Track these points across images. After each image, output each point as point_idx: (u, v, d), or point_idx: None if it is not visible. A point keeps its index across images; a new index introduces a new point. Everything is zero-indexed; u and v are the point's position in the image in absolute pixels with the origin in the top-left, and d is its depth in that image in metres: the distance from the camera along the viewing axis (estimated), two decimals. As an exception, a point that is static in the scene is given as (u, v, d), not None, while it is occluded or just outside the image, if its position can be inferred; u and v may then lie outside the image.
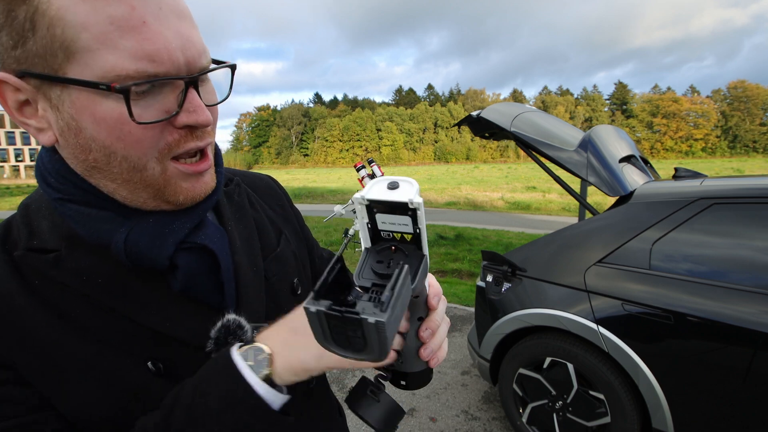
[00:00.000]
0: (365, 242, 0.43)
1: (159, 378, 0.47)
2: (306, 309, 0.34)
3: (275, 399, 0.43)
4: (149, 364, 0.47)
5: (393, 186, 0.39)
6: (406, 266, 0.37)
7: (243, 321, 0.52)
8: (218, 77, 0.48)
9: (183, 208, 0.49)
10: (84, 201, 0.46)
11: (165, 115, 0.41)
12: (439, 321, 0.49)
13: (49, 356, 0.44)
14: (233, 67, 0.48)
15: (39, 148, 0.50)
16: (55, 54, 0.37)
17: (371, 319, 0.32)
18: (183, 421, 0.41)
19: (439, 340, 0.49)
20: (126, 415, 0.45)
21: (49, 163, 0.47)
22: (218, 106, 0.49)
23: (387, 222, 0.41)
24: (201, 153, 0.47)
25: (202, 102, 0.43)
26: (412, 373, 0.50)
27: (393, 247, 0.42)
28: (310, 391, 0.62)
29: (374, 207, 0.40)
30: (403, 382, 0.52)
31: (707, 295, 1.69)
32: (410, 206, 0.37)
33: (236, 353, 0.44)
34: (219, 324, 0.50)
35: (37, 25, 0.37)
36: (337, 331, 0.35)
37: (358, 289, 0.38)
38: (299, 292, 0.65)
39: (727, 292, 1.65)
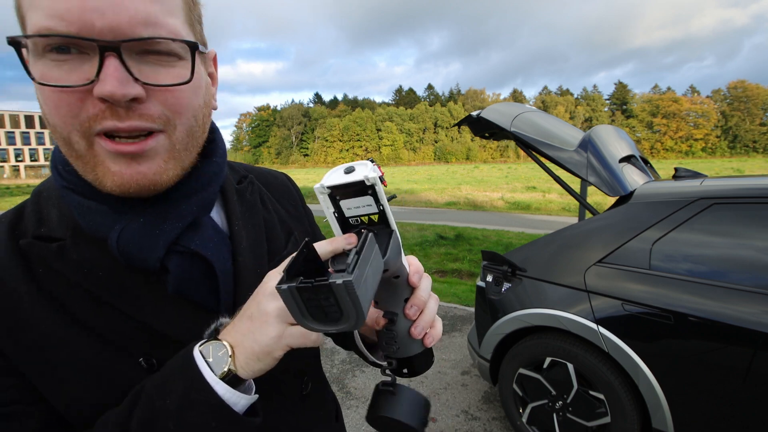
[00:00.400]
0: (336, 231, 0.43)
1: (151, 374, 0.46)
2: (278, 288, 0.34)
3: (238, 400, 0.42)
4: (142, 360, 0.46)
5: (349, 170, 0.39)
6: (371, 233, 0.37)
7: None
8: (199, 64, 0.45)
9: (117, 197, 0.44)
10: (83, 192, 0.45)
11: (79, 82, 0.38)
12: (425, 297, 0.48)
13: (43, 346, 0.43)
14: (192, 47, 0.42)
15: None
16: (18, 23, 0.39)
17: (339, 281, 0.32)
18: (143, 420, 0.40)
19: (429, 316, 0.48)
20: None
21: (58, 151, 0.46)
22: (189, 89, 0.43)
23: (352, 207, 0.41)
24: (131, 137, 0.41)
25: (130, 75, 0.39)
26: (411, 357, 0.49)
27: (362, 230, 0.41)
28: (304, 396, 0.60)
29: (336, 194, 0.40)
30: (405, 370, 0.51)
31: (707, 295, 1.69)
32: (367, 183, 0.38)
33: (197, 350, 0.42)
34: (213, 326, 0.48)
35: None
36: (312, 305, 0.35)
37: (330, 271, 0.38)
38: None
39: (727, 292, 1.65)
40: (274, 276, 0.43)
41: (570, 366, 2.05)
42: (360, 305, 0.34)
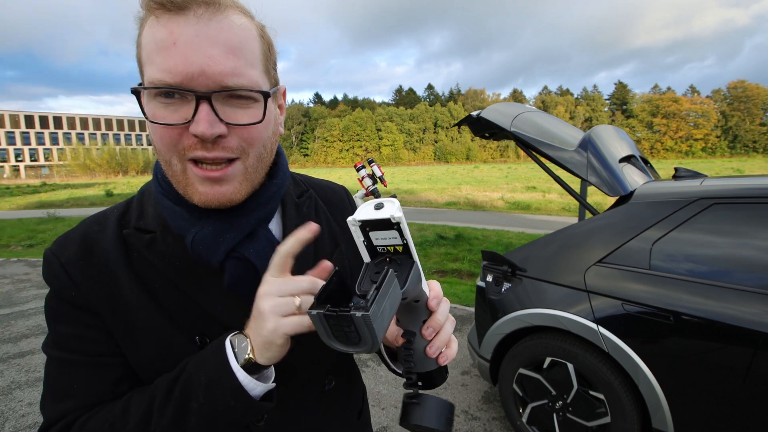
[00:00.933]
0: (365, 258, 0.50)
1: (201, 350, 0.57)
2: (309, 313, 0.43)
3: (255, 386, 0.51)
4: (197, 338, 0.58)
5: (378, 206, 0.46)
6: (391, 270, 0.44)
7: None
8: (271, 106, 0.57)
9: (208, 208, 0.56)
10: (173, 199, 0.58)
11: (179, 121, 0.50)
12: (442, 321, 0.54)
13: (129, 315, 0.56)
14: (265, 95, 0.53)
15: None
16: (139, 71, 0.52)
17: (358, 314, 0.39)
18: (182, 387, 0.51)
19: (444, 338, 0.54)
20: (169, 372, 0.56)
21: (158, 163, 0.59)
22: (260, 126, 0.54)
23: (379, 238, 0.47)
24: (215, 163, 0.53)
25: (216, 117, 0.50)
26: (425, 374, 0.57)
27: (387, 259, 0.49)
28: (326, 392, 0.69)
29: (366, 226, 0.47)
30: (420, 383, 0.56)
31: (707, 295, 1.69)
32: (393, 221, 0.44)
33: (228, 340, 0.52)
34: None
35: (137, 49, 0.52)
36: (336, 329, 0.42)
37: (358, 296, 0.45)
38: None
39: (727, 292, 1.65)
40: (268, 280, 0.52)
41: (570, 366, 2.05)
42: (375, 334, 0.40)
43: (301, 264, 0.62)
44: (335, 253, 0.71)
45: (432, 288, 0.55)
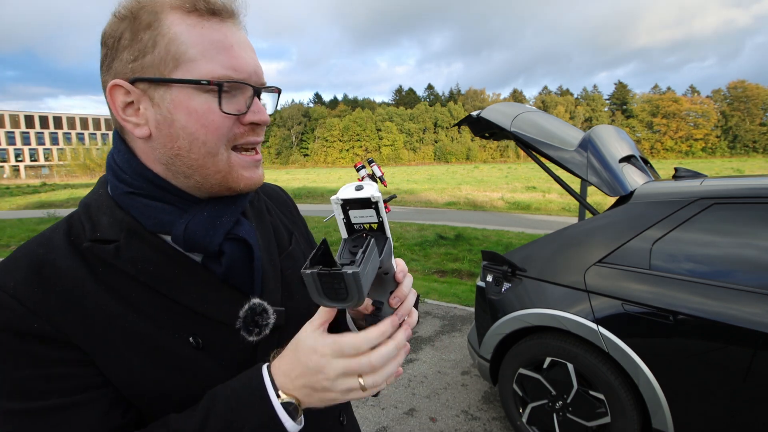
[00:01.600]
0: (343, 233, 0.54)
1: (198, 351, 0.56)
2: (303, 272, 0.46)
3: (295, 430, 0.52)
4: (191, 339, 0.56)
5: (359, 188, 0.50)
6: (372, 239, 0.50)
7: (267, 305, 0.62)
8: (264, 99, 0.62)
9: (239, 194, 0.60)
10: (152, 195, 0.57)
11: (239, 112, 0.55)
12: (406, 291, 0.59)
13: (108, 333, 0.52)
14: (279, 91, 0.64)
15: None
16: (167, 63, 0.52)
17: (350, 271, 0.44)
18: None
19: (408, 306, 0.58)
20: (171, 384, 0.54)
21: (124, 163, 0.57)
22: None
23: (357, 216, 0.52)
24: (255, 150, 0.60)
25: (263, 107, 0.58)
26: None
27: (364, 234, 0.53)
28: (344, 426, 0.73)
29: (347, 205, 0.51)
30: None
31: (707, 295, 1.69)
32: (372, 200, 0.49)
33: (269, 386, 0.51)
34: (246, 306, 0.60)
35: (157, 44, 0.52)
36: (327, 286, 0.46)
37: (338, 264, 0.49)
38: None
39: (727, 292, 1.65)
40: (343, 340, 0.51)
41: (570, 366, 2.05)
42: (362, 290, 0.45)
43: (269, 251, 0.68)
44: (292, 240, 0.76)
45: (398, 263, 0.60)
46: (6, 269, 0.51)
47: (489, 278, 2.44)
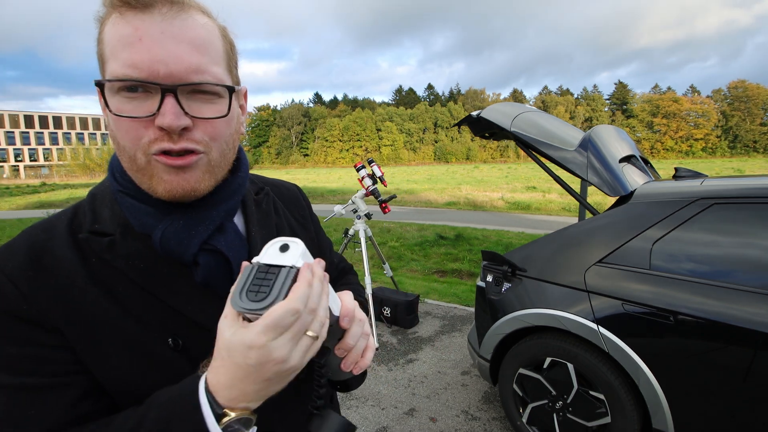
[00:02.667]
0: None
1: (176, 352, 0.56)
2: (252, 264, 0.46)
3: None
4: (170, 340, 0.56)
5: (284, 248, 0.49)
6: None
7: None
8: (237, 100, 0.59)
9: (169, 201, 0.55)
10: (137, 196, 0.56)
11: (144, 114, 0.50)
12: (352, 343, 0.57)
13: (92, 324, 0.53)
14: (230, 89, 0.56)
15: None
16: (100, 66, 0.52)
17: (288, 265, 0.45)
18: None
19: (355, 355, 0.57)
20: (145, 382, 0.54)
21: (117, 161, 0.57)
22: (223, 121, 0.56)
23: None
24: (180, 154, 0.54)
25: (181, 111, 0.51)
26: (343, 381, 0.65)
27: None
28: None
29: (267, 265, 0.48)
30: (338, 386, 0.67)
31: (708, 295, 1.69)
32: (292, 268, 0.47)
33: (201, 388, 0.47)
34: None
35: (98, 46, 0.52)
36: (255, 283, 0.45)
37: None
38: None
39: (727, 292, 1.65)
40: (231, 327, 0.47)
41: (570, 366, 2.05)
42: (284, 292, 0.44)
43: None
44: None
45: (343, 304, 0.56)
46: (9, 251, 0.54)
47: (489, 278, 2.44)
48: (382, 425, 2.56)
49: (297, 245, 0.49)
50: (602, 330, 1.90)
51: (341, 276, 0.93)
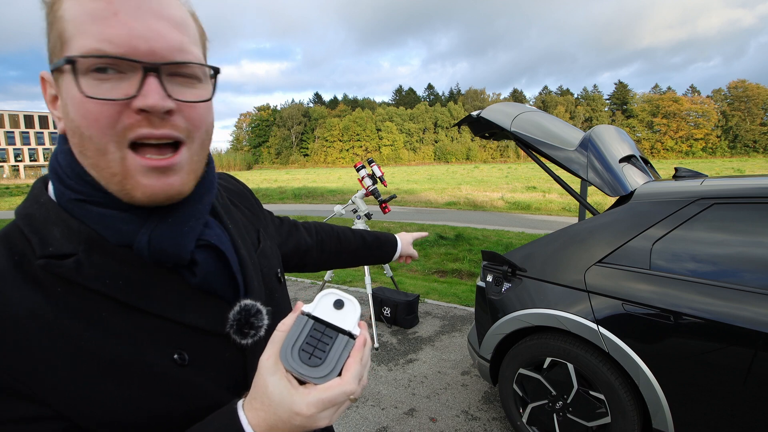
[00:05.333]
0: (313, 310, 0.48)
1: (184, 368, 0.50)
2: (302, 312, 0.44)
3: None
4: (175, 356, 0.49)
5: (338, 305, 0.46)
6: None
7: (260, 305, 0.57)
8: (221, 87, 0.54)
9: (142, 206, 0.48)
10: (102, 202, 0.48)
11: (122, 97, 0.44)
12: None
13: (79, 365, 0.44)
14: (215, 70, 0.51)
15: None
16: (57, 47, 0.45)
17: (346, 334, 0.42)
18: None
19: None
20: (156, 410, 0.48)
21: (66, 165, 0.49)
22: (205, 107, 0.50)
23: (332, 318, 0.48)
24: (169, 150, 0.48)
25: (164, 92, 0.45)
26: None
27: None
28: None
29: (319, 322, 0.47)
30: None
31: (708, 295, 1.68)
32: (353, 335, 0.46)
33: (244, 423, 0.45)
34: (237, 307, 0.55)
35: (53, 26, 0.45)
36: (309, 342, 0.43)
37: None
38: (283, 280, 0.72)
39: (728, 292, 1.65)
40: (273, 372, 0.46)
41: (570, 366, 2.05)
42: (342, 363, 0.42)
43: (246, 248, 0.63)
44: (260, 236, 0.70)
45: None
46: None
47: (489, 278, 2.44)
48: (382, 425, 2.56)
49: (354, 306, 0.47)
50: (602, 330, 1.90)
51: (300, 228, 0.96)
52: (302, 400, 0.43)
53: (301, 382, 0.45)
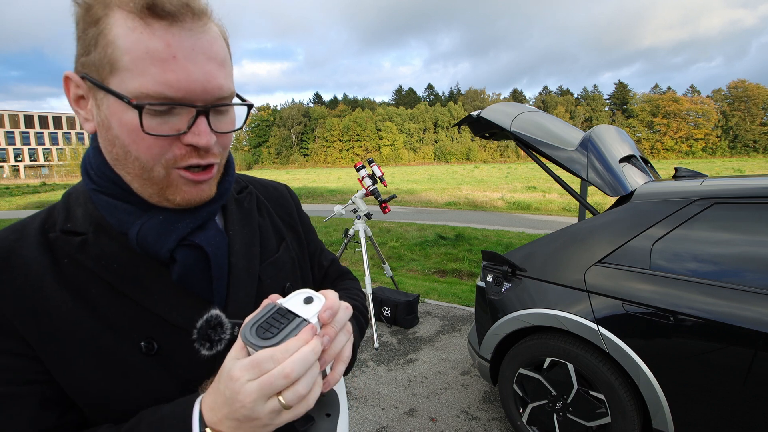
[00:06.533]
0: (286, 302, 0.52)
1: (149, 357, 0.53)
2: (275, 303, 0.49)
3: None
4: (142, 343, 0.53)
5: (308, 301, 0.51)
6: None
7: (224, 318, 0.59)
8: (241, 109, 0.59)
9: (180, 208, 0.55)
10: (113, 194, 0.55)
11: (174, 132, 0.49)
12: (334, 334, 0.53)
13: (59, 330, 0.50)
14: (250, 106, 0.57)
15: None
16: (104, 67, 0.48)
17: (307, 318, 0.48)
18: None
19: (329, 357, 0.53)
20: (117, 392, 0.52)
21: (93, 160, 0.56)
22: (231, 136, 0.57)
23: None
24: (204, 168, 0.55)
25: (210, 129, 0.51)
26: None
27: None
28: None
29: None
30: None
31: (708, 295, 1.68)
32: (309, 321, 0.49)
33: (196, 420, 0.47)
34: (204, 317, 0.57)
35: (98, 44, 0.48)
36: (269, 322, 0.47)
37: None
38: None
39: (727, 292, 1.65)
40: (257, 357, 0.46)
41: (570, 366, 2.05)
42: (289, 337, 0.45)
43: (249, 257, 0.65)
44: (281, 246, 0.73)
45: (335, 371, 0.54)
46: None
47: (489, 278, 2.44)
48: (382, 425, 2.56)
49: (320, 302, 0.50)
50: (602, 330, 1.90)
51: (340, 278, 0.91)
52: (238, 363, 0.45)
53: None
